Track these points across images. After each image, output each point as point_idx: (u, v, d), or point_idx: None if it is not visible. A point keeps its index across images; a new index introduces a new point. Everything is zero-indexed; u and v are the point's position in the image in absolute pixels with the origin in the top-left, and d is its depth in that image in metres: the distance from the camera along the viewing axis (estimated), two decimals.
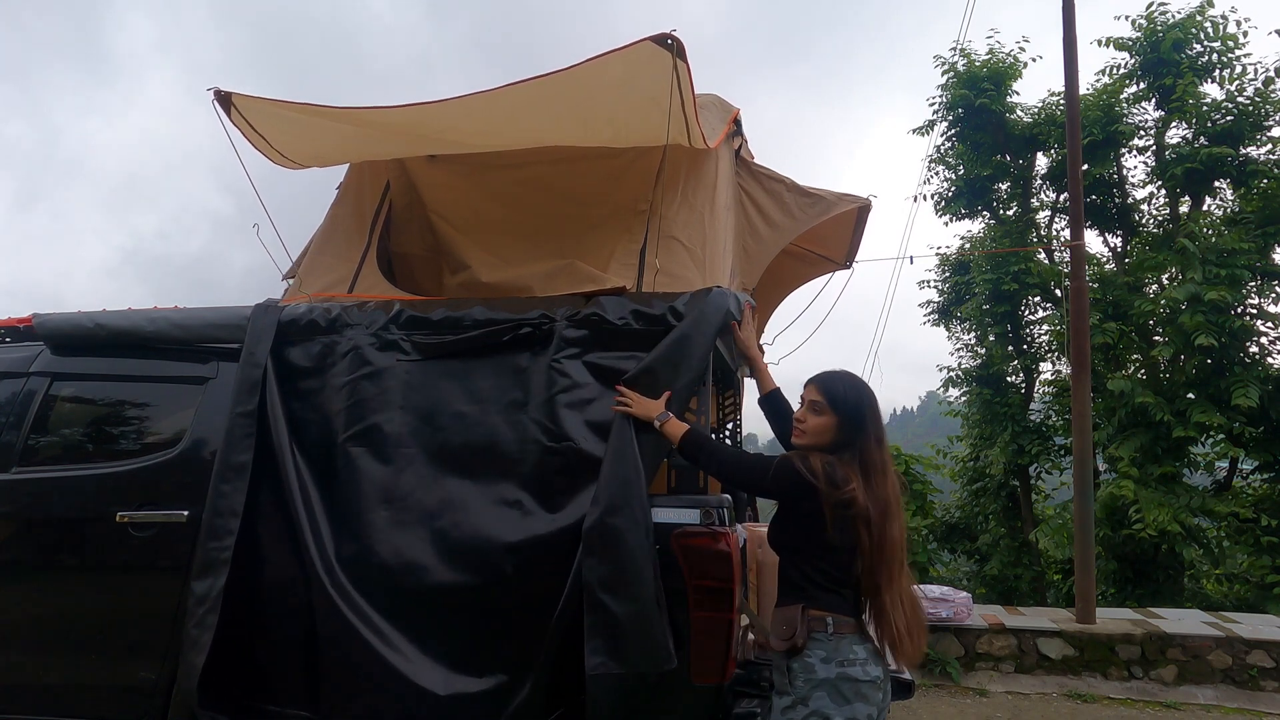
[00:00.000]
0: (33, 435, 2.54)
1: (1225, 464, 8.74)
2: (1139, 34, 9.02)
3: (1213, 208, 9.40)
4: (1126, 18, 9.15)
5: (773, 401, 2.27)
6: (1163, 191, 9.67)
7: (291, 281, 3.14)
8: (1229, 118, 8.57)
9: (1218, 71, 8.75)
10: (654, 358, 2.14)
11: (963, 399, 11.23)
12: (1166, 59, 8.76)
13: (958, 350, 11.55)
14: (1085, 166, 7.77)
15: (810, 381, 1.91)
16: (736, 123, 3.32)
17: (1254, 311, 8.42)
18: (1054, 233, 10.69)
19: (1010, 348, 10.55)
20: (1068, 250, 6.46)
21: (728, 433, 3.88)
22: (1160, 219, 9.92)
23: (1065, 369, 9.67)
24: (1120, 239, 10.29)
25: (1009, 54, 10.14)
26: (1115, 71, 9.41)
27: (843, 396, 1.83)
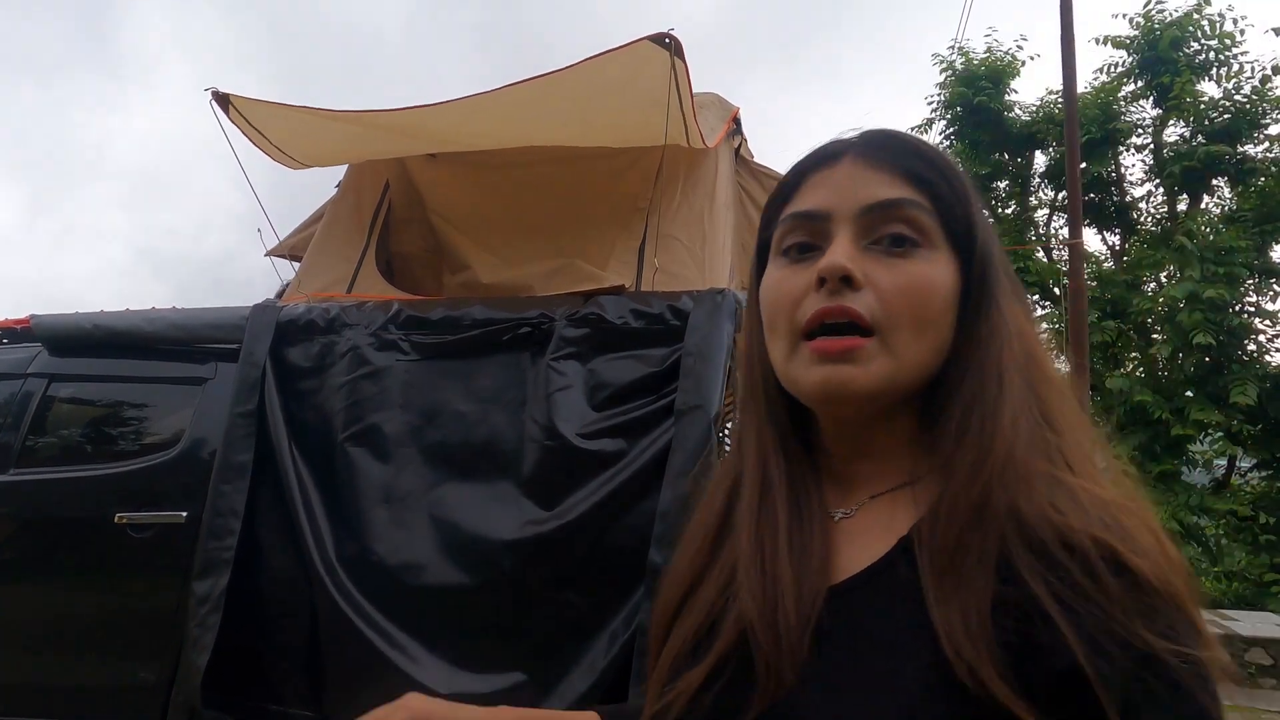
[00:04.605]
0: (30, 436, 2.53)
1: (1223, 462, 8.76)
2: (1136, 32, 9.05)
3: (1210, 205, 9.43)
4: (1124, 16, 9.17)
5: None
6: (1161, 189, 9.70)
7: (277, 258, 3.15)
8: (1226, 116, 8.59)
9: (1215, 70, 8.78)
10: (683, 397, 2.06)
11: None
12: (1164, 57, 8.77)
13: None
14: (1083, 165, 7.78)
15: (862, 146, 0.57)
16: (736, 121, 3.32)
17: (1252, 309, 8.45)
18: (1052, 231, 10.71)
19: None
20: (1066, 248, 6.47)
21: (726, 431, 3.88)
22: (1158, 217, 9.94)
23: (1064, 367, 9.65)
24: (1118, 237, 10.31)
25: (1007, 52, 10.17)
26: (1113, 70, 9.43)
27: (972, 193, 0.57)
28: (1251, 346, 8.31)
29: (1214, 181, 9.08)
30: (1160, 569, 0.45)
